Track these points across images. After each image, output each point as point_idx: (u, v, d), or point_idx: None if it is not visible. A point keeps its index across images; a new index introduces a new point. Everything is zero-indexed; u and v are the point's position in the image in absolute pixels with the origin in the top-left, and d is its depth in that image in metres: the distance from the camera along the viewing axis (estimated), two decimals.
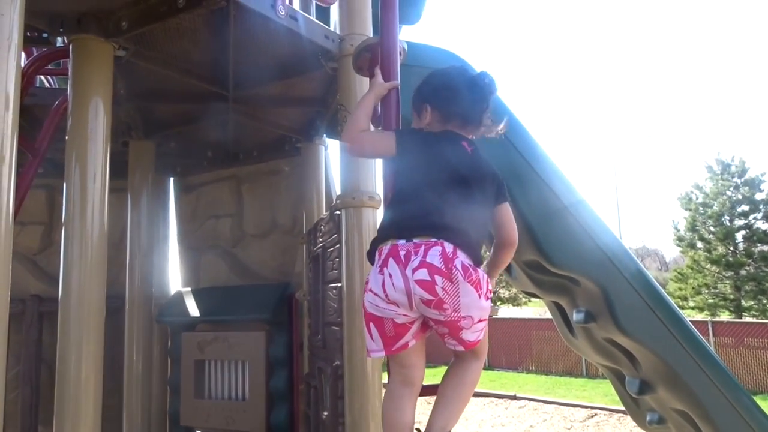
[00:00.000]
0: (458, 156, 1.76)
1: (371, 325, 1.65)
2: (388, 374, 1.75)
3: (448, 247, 1.57)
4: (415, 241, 1.59)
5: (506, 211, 1.82)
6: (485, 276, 1.62)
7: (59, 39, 3.02)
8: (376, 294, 1.60)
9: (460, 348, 1.66)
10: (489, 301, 1.63)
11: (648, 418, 4.03)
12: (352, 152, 1.98)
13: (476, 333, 1.63)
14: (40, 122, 3.34)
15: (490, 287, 1.64)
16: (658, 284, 3.64)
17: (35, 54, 3.27)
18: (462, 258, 1.58)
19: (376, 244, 1.71)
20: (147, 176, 4.32)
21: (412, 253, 1.57)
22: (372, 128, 1.95)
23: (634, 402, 4.11)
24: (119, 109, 3.68)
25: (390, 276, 1.57)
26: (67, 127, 2.68)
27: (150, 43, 2.95)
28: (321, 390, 3.41)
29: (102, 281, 2.69)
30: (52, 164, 4.32)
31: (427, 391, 1.78)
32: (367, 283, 1.66)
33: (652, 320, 3.44)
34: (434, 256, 1.55)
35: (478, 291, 1.58)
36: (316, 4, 3.60)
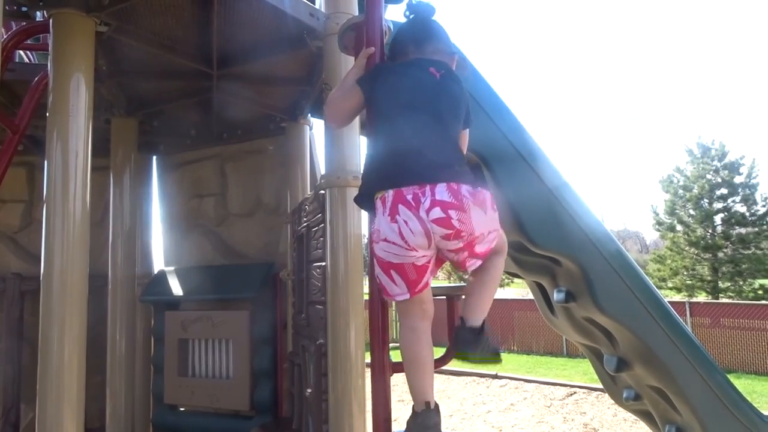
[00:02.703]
0: (427, 83, 1.77)
1: (392, 272, 1.66)
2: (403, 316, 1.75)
3: (455, 184, 1.62)
4: (414, 186, 1.61)
5: (465, 136, 1.88)
6: (487, 191, 1.68)
7: (39, 13, 2.95)
8: (392, 242, 1.61)
9: (479, 263, 1.72)
10: (495, 210, 1.70)
11: (624, 395, 4.12)
12: (331, 123, 1.96)
13: (489, 243, 1.70)
14: (20, 98, 3.28)
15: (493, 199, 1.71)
16: (637, 265, 3.70)
17: (14, 28, 3.20)
18: (473, 187, 1.64)
19: (370, 190, 1.71)
20: (129, 154, 4.28)
21: (420, 194, 1.60)
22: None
23: (611, 379, 4.20)
24: (101, 86, 3.63)
25: (405, 222, 1.59)
26: (48, 104, 2.64)
27: (132, 18, 2.91)
28: (305, 368, 3.44)
29: (85, 260, 2.68)
30: (33, 141, 4.27)
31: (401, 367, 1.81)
32: (375, 233, 1.66)
33: (630, 300, 3.50)
34: (442, 192, 1.60)
35: (484, 208, 1.64)
36: None
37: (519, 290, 26.32)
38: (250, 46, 3.26)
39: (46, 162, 2.64)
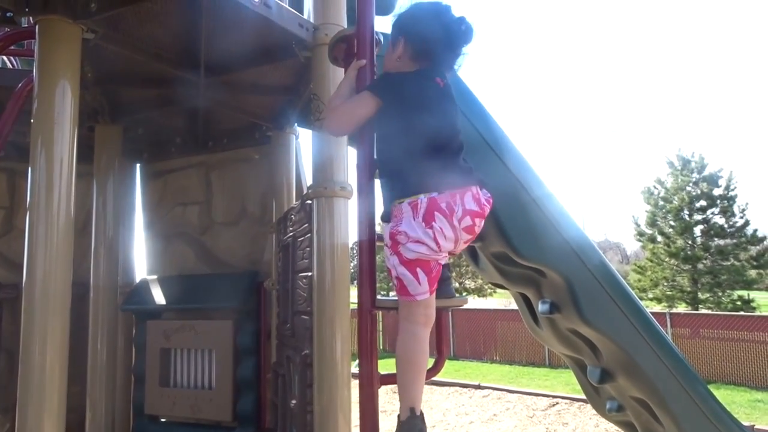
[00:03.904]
0: (438, 93, 1.85)
1: (418, 270, 1.73)
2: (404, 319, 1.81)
3: (475, 189, 1.77)
4: (447, 192, 1.72)
5: None
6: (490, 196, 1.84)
7: (24, 19, 2.92)
8: (424, 243, 1.70)
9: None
10: None
11: (608, 406, 4.14)
12: (336, 132, 1.98)
13: None
14: (3, 104, 3.24)
15: None
16: (621, 277, 3.74)
17: None
18: (483, 191, 1.80)
19: (398, 191, 1.77)
20: (113, 161, 4.24)
21: (453, 203, 1.72)
22: None
23: (594, 391, 4.22)
24: (86, 93, 3.60)
25: (441, 230, 1.70)
26: (32, 111, 2.61)
27: (120, 26, 2.89)
28: (289, 378, 3.42)
29: (68, 268, 2.63)
30: (14, 147, 4.21)
31: (391, 379, 1.83)
32: (402, 234, 1.72)
33: (614, 312, 3.54)
34: (470, 202, 1.74)
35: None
36: None
37: (501, 300, 26.43)
38: (237, 54, 3.26)
39: (29, 169, 2.60)
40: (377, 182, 1.89)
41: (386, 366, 1.82)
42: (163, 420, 4.50)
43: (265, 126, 4.41)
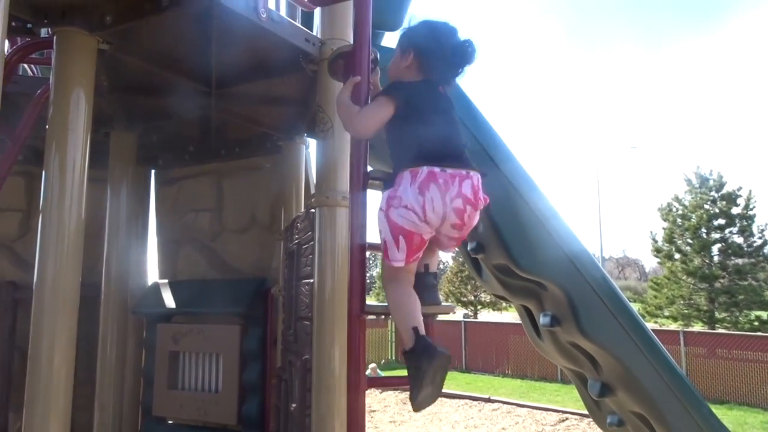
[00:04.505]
0: (442, 98, 2.09)
1: (400, 237, 1.87)
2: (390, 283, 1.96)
3: (475, 180, 1.92)
4: (449, 171, 1.87)
5: None
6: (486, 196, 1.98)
7: (43, 30, 3.06)
8: (412, 211, 1.85)
9: (451, 250, 2.09)
10: None
11: (608, 421, 4.15)
12: (364, 134, 2.08)
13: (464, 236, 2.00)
14: (22, 110, 3.37)
15: None
16: (621, 291, 3.76)
17: (19, 43, 3.30)
18: (482, 188, 1.94)
19: (404, 163, 1.92)
20: (127, 167, 4.36)
21: (450, 182, 1.86)
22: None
23: (595, 404, 4.23)
24: (102, 101, 3.72)
25: (432, 200, 1.84)
26: (48, 117, 2.73)
27: (134, 38, 3.00)
28: (291, 383, 3.48)
29: (77, 270, 2.73)
30: (32, 151, 4.35)
31: (380, 382, 1.88)
32: (397, 198, 1.87)
33: (613, 326, 3.56)
34: (467, 188, 1.88)
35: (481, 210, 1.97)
36: (302, 10, 3.68)
37: (515, 315, 26.25)
38: (247, 67, 3.36)
39: (43, 173, 2.72)
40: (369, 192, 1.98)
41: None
42: (170, 422, 4.58)
43: (276, 136, 4.51)
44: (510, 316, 27.20)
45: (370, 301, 2.03)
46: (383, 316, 1.90)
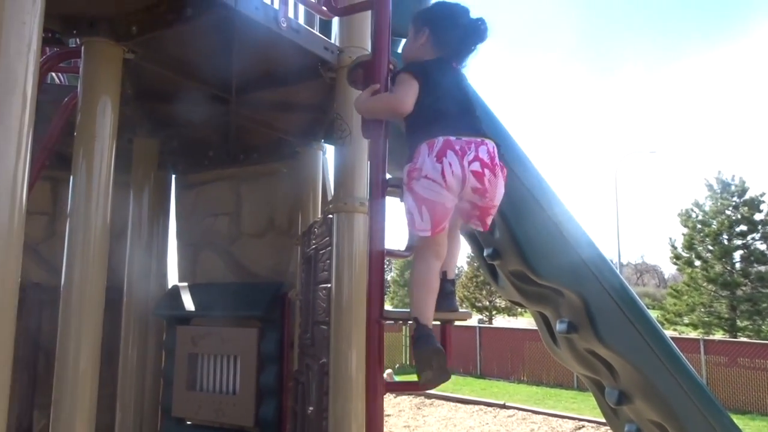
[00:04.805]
0: (457, 73, 2.19)
1: (423, 207, 1.95)
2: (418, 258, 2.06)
3: (491, 146, 2.00)
4: (464, 138, 1.96)
5: None
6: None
7: (71, 40, 3.14)
8: (433, 180, 1.92)
9: (480, 228, 2.14)
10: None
11: (626, 429, 4.12)
12: (404, 112, 2.11)
13: (491, 216, 2.10)
14: (49, 117, 3.46)
15: None
16: (639, 299, 3.75)
17: (48, 53, 3.40)
18: (497, 156, 2.01)
19: (421, 138, 2.00)
20: (149, 173, 4.45)
21: (466, 148, 1.94)
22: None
23: (613, 412, 4.21)
24: (126, 108, 3.80)
25: (450, 164, 1.91)
26: (76, 124, 2.81)
27: (158, 47, 3.08)
28: (308, 386, 3.52)
29: (103, 273, 2.81)
30: (57, 157, 4.46)
31: (398, 387, 1.93)
32: (417, 170, 1.95)
33: (631, 333, 3.54)
34: (484, 153, 1.96)
35: (503, 182, 2.05)
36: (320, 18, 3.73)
37: (531, 320, 26.05)
38: (266, 74, 3.42)
39: (71, 178, 2.80)
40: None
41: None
42: (189, 422, 4.65)
43: (294, 141, 4.57)
44: (525, 321, 27.02)
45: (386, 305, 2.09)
46: (401, 322, 1.93)
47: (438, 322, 2.10)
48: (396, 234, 2.65)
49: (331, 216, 3.06)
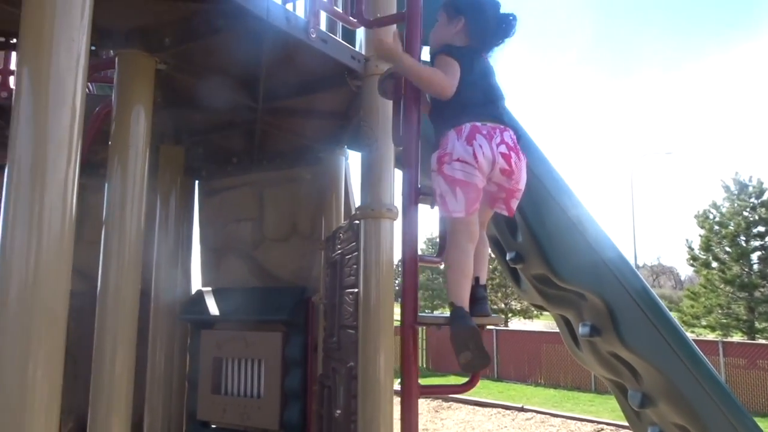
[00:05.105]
0: (486, 63, 2.30)
1: (457, 188, 2.05)
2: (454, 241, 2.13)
3: (512, 133, 2.14)
4: (489, 124, 2.09)
5: None
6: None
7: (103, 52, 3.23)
8: (465, 161, 2.03)
9: (504, 213, 2.22)
10: None
11: None
12: (450, 92, 2.17)
13: (517, 201, 2.20)
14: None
15: None
16: (662, 302, 3.76)
17: None
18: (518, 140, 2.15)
19: (449, 125, 2.12)
20: (176, 179, 4.54)
21: (492, 132, 2.07)
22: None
23: (635, 415, 4.22)
24: (155, 116, 3.89)
25: (480, 146, 2.03)
26: (110, 133, 2.88)
27: (189, 57, 3.15)
28: (335, 389, 3.57)
29: (137, 277, 2.87)
30: (86, 165, 4.55)
31: (433, 390, 1.98)
32: (447, 155, 2.07)
33: (654, 336, 3.56)
34: (509, 138, 2.11)
35: (525, 169, 2.17)
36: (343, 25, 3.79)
37: (547, 322, 25.95)
38: (294, 83, 3.48)
39: (106, 185, 2.87)
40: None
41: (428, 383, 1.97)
42: (213, 426, 4.71)
43: (317, 147, 4.62)
44: (541, 324, 26.91)
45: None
46: (435, 328, 1.98)
47: None
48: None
49: (357, 222, 3.11)
